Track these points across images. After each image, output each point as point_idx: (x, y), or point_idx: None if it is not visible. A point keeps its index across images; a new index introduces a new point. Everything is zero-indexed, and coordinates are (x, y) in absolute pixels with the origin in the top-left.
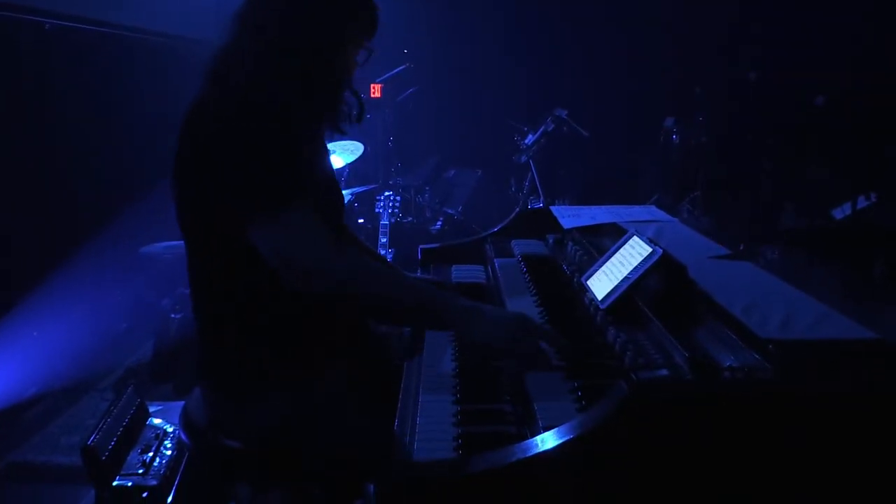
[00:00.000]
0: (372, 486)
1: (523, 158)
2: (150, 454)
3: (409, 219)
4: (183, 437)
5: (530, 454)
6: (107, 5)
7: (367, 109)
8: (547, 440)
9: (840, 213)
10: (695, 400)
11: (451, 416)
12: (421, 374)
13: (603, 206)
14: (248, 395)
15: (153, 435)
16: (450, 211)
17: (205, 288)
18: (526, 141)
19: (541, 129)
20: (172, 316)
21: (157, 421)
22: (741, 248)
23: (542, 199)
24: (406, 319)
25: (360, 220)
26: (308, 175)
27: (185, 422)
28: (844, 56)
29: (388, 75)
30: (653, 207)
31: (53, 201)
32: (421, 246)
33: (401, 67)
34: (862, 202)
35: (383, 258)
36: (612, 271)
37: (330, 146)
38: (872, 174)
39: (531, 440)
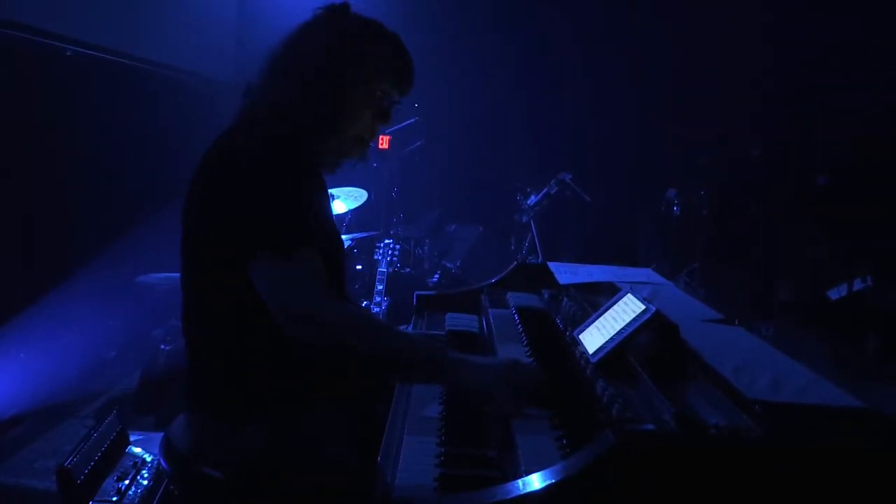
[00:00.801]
0: None
1: (525, 218)
2: (127, 482)
3: (408, 269)
4: (163, 463)
5: (511, 496)
6: (128, 37)
7: (374, 158)
8: (529, 483)
9: (836, 293)
10: (680, 453)
11: (434, 458)
12: (407, 415)
13: (600, 266)
14: (234, 424)
15: (131, 463)
16: (448, 265)
17: (199, 315)
18: (528, 201)
19: (544, 191)
20: (162, 347)
21: (136, 450)
22: (736, 322)
23: (540, 259)
24: (397, 372)
25: (359, 267)
26: (315, 222)
27: (166, 448)
28: (849, 136)
29: (396, 127)
30: (649, 270)
31: (56, 223)
32: (417, 292)
33: (410, 120)
34: (858, 284)
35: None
36: (604, 326)
37: (334, 192)
38: (870, 256)
39: (513, 482)
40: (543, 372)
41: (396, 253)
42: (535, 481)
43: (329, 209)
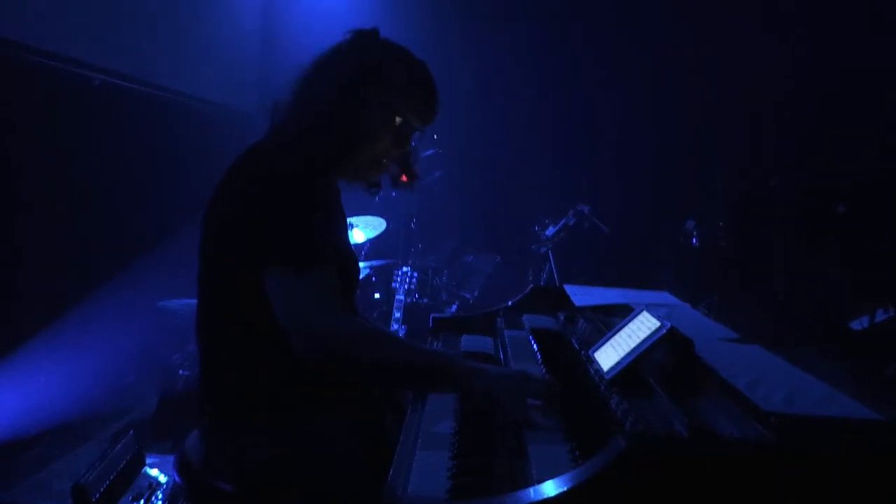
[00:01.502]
0: None
1: (542, 249)
2: (142, 502)
3: (425, 300)
4: (176, 478)
5: (523, 503)
6: (155, 68)
7: (396, 194)
8: (540, 490)
9: (858, 325)
10: (693, 461)
11: (447, 471)
12: (419, 430)
13: (616, 289)
14: (246, 436)
15: (146, 484)
16: (466, 295)
17: (213, 324)
18: (546, 232)
19: (562, 222)
20: (181, 372)
21: (152, 471)
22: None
23: None
24: (410, 384)
25: (377, 296)
26: (334, 242)
27: (181, 463)
28: (868, 165)
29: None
30: (666, 293)
31: (78, 246)
32: (433, 314)
33: (430, 151)
34: (881, 315)
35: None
36: (619, 344)
37: (353, 220)
38: (892, 286)
39: (524, 490)
40: (556, 382)
41: (414, 281)
42: (546, 488)
43: (346, 230)
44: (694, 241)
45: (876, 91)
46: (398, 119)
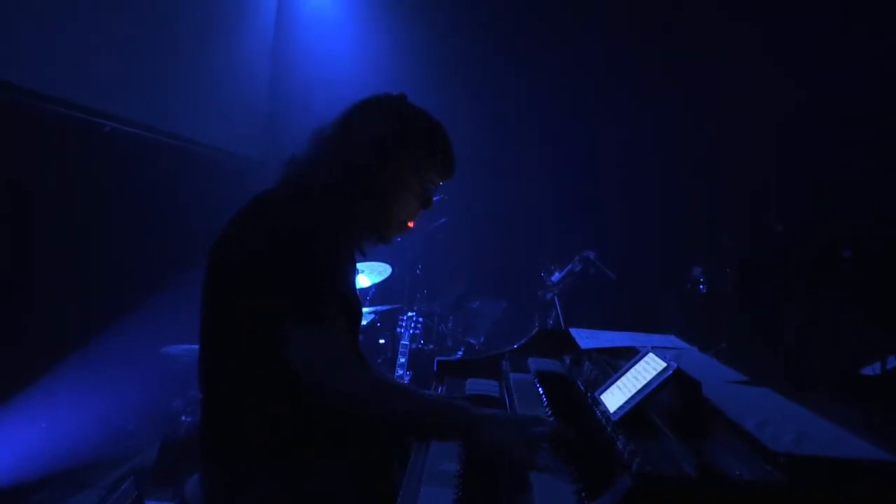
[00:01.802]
0: None
1: (549, 295)
2: None
3: (431, 346)
4: None
5: None
6: (164, 115)
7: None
8: None
9: (870, 371)
10: (700, 499)
11: None
12: (424, 469)
13: (622, 332)
14: (246, 479)
15: None
16: (472, 341)
17: (216, 367)
18: (552, 278)
19: (568, 268)
20: (183, 418)
21: None
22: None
23: None
24: (419, 434)
25: (382, 341)
26: (345, 294)
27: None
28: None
29: None
30: (672, 337)
31: (83, 292)
32: (438, 358)
33: (435, 198)
34: (892, 361)
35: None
36: (625, 385)
37: (359, 266)
38: None
39: None
40: (564, 426)
41: (419, 326)
42: None
43: (355, 278)
44: (701, 287)
45: (879, 134)
46: (423, 182)
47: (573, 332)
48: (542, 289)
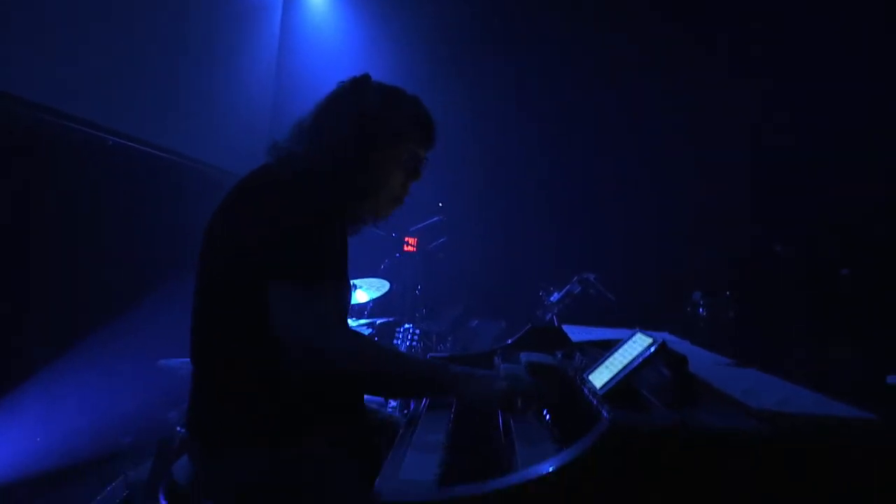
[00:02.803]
0: None
1: (548, 315)
2: None
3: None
4: (162, 501)
5: (507, 485)
6: (166, 132)
7: (400, 257)
8: (525, 474)
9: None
10: (677, 440)
11: (437, 466)
12: (413, 438)
13: (614, 328)
14: (233, 454)
15: None
16: None
17: (207, 339)
18: (551, 298)
19: (566, 289)
20: (178, 430)
21: None
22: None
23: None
24: (405, 392)
25: None
26: (334, 267)
27: (168, 485)
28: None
29: (421, 225)
30: (666, 333)
31: (80, 304)
32: (430, 354)
33: (434, 219)
34: (892, 378)
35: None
36: (613, 364)
37: (357, 282)
38: None
39: (509, 475)
40: (542, 383)
41: (416, 337)
42: (531, 472)
43: (345, 259)
44: (701, 311)
45: (873, 151)
46: (405, 154)
47: (565, 328)
48: (540, 309)
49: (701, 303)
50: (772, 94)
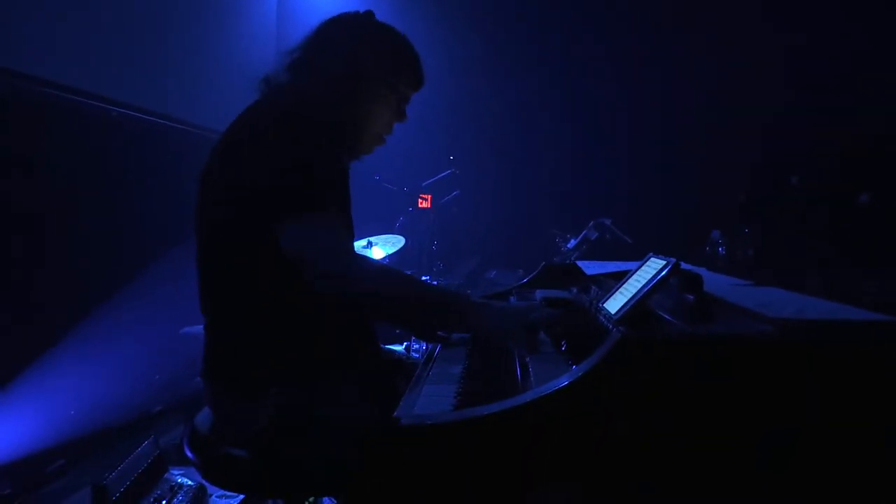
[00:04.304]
0: None
1: (566, 262)
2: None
3: None
4: (188, 453)
5: (521, 402)
6: (170, 102)
7: (414, 213)
8: (539, 391)
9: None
10: (690, 345)
11: (453, 396)
12: (430, 373)
13: (629, 262)
14: (252, 397)
15: (168, 487)
16: None
17: (219, 286)
18: (568, 245)
19: (583, 234)
20: (196, 379)
21: (176, 476)
22: None
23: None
24: (423, 319)
25: None
26: (340, 193)
27: (191, 436)
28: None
29: (433, 180)
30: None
31: (94, 276)
32: None
33: (446, 172)
34: None
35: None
36: (627, 290)
37: (372, 239)
38: None
39: (524, 393)
40: (558, 312)
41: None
42: (544, 389)
43: (347, 194)
44: (721, 250)
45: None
46: (392, 93)
47: (580, 263)
48: (558, 256)
49: (720, 241)
50: (774, 21)
